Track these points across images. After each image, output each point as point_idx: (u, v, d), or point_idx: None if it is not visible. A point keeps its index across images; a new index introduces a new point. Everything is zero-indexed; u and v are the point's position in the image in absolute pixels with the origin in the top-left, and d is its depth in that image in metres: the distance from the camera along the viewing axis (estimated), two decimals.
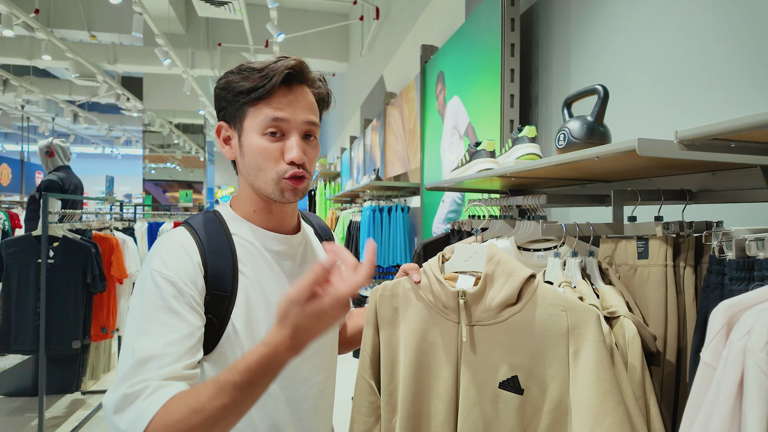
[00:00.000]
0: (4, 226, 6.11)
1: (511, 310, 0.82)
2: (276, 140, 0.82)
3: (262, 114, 0.81)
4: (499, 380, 0.82)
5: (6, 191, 8.28)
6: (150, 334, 0.71)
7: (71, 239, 2.77)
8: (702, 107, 1.14)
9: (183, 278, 0.76)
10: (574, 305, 0.78)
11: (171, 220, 4.83)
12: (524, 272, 0.82)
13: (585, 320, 0.77)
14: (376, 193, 3.53)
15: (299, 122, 0.82)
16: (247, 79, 0.81)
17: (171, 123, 9.17)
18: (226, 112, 0.86)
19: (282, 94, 0.82)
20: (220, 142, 0.89)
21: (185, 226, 0.85)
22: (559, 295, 0.80)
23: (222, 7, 5.20)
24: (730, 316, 0.52)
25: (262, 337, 0.79)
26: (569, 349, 0.77)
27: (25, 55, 6.92)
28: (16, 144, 14.59)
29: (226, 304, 0.80)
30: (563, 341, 0.78)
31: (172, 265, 0.76)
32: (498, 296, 0.82)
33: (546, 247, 1.23)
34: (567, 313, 0.78)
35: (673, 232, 0.88)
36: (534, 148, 1.24)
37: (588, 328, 0.76)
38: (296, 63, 0.82)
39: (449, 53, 2.57)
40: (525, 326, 0.81)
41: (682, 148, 0.64)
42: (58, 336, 2.69)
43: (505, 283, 0.82)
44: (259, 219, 0.88)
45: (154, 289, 0.74)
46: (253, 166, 0.83)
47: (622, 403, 0.72)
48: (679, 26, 1.20)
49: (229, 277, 0.81)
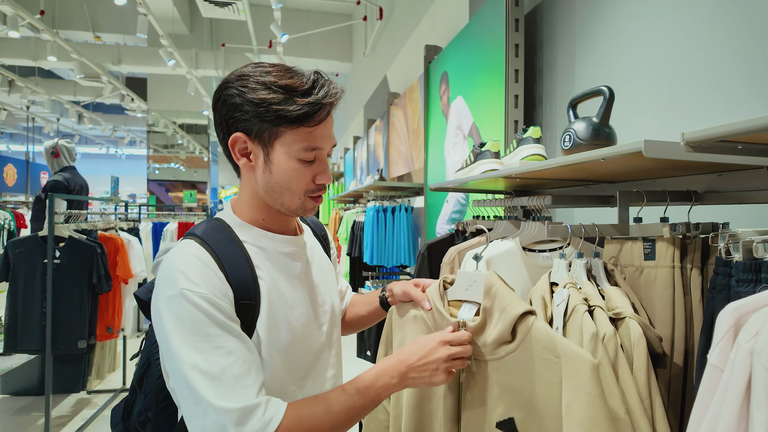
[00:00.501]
0: (9, 226, 6.14)
1: (507, 348, 0.81)
2: (309, 164, 0.83)
3: (303, 142, 0.80)
4: (496, 419, 0.81)
5: (11, 191, 8.31)
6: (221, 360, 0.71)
7: (77, 239, 2.79)
8: (707, 109, 1.13)
9: (215, 293, 0.74)
10: (568, 352, 0.75)
11: (175, 220, 4.85)
12: (517, 309, 0.79)
13: (579, 371, 0.72)
14: (380, 194, 3.53)
15: (329, 148, 0.85)
16: (291, 102, 0.77)
17: (175, 123, 9.19)
18: (247, 125, 0.80)
19: (323, 124, 0.82)
20: (235, 153, 0.83)
21: (193, 238, 0.81)
22: (553, 339, 0.77)
23: (226, 7, 5.22)
24: (737, 318, 0.52)
25: (283, 341, 0.83)
26: (563, 398, 0.73)
27: (30, 56, 6.96)
28: (21, 144, 14.66)
29: (252, 313, 0.79)
30: (557, 390, 0.74)
31: (199, 281, 0.74)
32: (493, 332, 0.81)
33: (551, 248, 1.23)
34: (561, 360, 0.75)
35: (680, 233, 0.88)
36: (539, 148, 1.24)
37: (582, 380, 0.72)
38: (341, 95, 0.83)
39: (453, 53, 2.57)
40: (520, 367, 0.79)
41: (688, 149, 0.64)
42: (64, 335, 2.71)
43: (499, 320, 0.81)
44: (267, 225, 0.89)
45: (192, 309, 0.71)
46: (282, 185, 0.83)
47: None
48: (684, 27, 1.20)
49: (251, 284, 0.80)
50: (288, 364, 0.84)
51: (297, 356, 0.85)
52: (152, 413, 0.88)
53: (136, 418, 0.91)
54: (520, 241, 1.24)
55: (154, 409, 0.87)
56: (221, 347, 0.71)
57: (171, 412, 0.89)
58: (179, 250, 0.79)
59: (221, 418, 0.68)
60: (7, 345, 2.70)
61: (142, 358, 0.95)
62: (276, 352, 0.82)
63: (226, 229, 0.84)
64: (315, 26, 7.10)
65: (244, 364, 0.72)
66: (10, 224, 6.20)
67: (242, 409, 0.68)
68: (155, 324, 0.76)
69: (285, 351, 0.83)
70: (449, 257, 1.45)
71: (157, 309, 0.74)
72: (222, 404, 0.68)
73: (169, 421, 0.88)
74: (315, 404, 0.76)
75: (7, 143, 15.22)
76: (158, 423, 0.87)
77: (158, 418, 0.87)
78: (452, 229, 1.79)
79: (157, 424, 0.88)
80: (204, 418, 0.69)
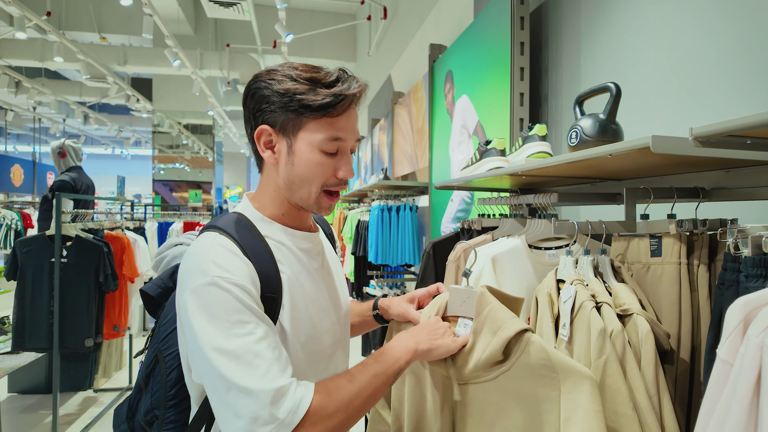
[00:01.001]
0: (16, 226, 6.19)
1: (500, 368, 0.80)
2: (332, 156, 0.83)
3: (325, 132, 0.81)
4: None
5: (18, 192, 8.37)
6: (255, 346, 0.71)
7: (84, 238, 2.81)
8: (714, 105, 1.13)
9: (247, 280, 0.75)
10: (566, 366, 0.74)
11: (180, 219, 4.87)
12: (511, 329, 0.78)
13: (578, 387, 0.72)
14: (385, 193, 3.53)
15: (353, 141, 0.86)
16: (314, 93, 0.79)
17: (180, 124, 9.24)
18: (273, 116, 0.81)
19: (346, 115, 0.83)
20: (260, 146, 0.84)
21: (216, 230, 0.81)
22: (550, 355, 0.75)
23: (230, 8, 5.23)
24: (747, 313, 0.52)
25: (306, 335, 0.84)
26: (562, 414, 0.73)
27: (37, 57, 7.01)
28: (28, 145, 14.78)
29: (275, 306, 0.80)
30: (555, 406, 0.73)
31: (231, 268, 0.74)
32: (483, 355, 0.80)
33: (557, 245, 1.23)
34: (559, 375, 0.74)
35: (687, 229, 0.88)
36: (545, 146, 1.24)
37: (581, 395, 0.71)
38: (365, 89, 0.84)
39: (458, 52, 2.57)
40: (515, 386, 0.78)
41: (696, 144, 0.64)
42: (72, 334, 2.73)
43: (490, 342, 0.79)
44: (287, 221, 0.89)
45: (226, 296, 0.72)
46: (302, 176, 0.83)
47: None
48: (690, 23, 1.19)
49: (274, 278, 0.80)
50: (310, 357, 0.85)
51: (318, 350, 0.87)
52: (160, 411, 0.87)
53: (143, 417, 0.89)
54: (526, 238, 1.23)
55: (163, 406, 0.87)
56: (253, 333, 0.71)
57: (181, 410, 0.88)
58: (204, 241, 0.79)
59: (254, 400, 0.68)
60: (15, 343, 2.72)
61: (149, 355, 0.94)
62: (300, 345, 0.83)
63: (248, 223, 0.85)
64: (319, 26, 7.12)
65: (275, 350, 0.73)
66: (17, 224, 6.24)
67: (276, 390, 0.69)
68: (181, 317, 0.75)
69: (307, 344, 0.85)
70: (455, 255, 1.45)
71: (185, 301, 0.74)
72: (255, 386, 0.68)
73: (178, 419, 0.87)
74: (339, 378, 0.78)
75: (14, 144, 15.33)
76: (167, 421, 0.86)
77: (167, 416, 0.86)
78: (457, 227, 1.79)
79: (165, 422, 0.86)
80: (237, 404, 0.68)
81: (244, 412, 0.68)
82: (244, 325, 0.71)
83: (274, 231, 0.86)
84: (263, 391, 0.68)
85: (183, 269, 0.77)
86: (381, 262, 3.20)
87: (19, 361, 2.70)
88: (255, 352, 0.70)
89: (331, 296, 0.93)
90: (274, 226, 0.87)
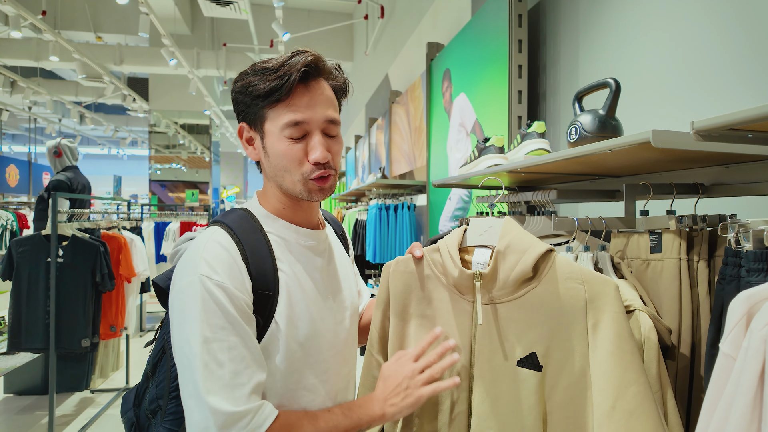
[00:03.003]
0: (12, 226, 6.16)
1: (527, 286, 0.81)
2: (298, 141, 0.81)
3: (282, 117, 0.79)
4: (517, 358, 0.81)
5: (14, 192, 8.33)
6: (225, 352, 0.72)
7: (80, 238, 2.79)
8: (713, 100, 1.13)
9: (234, 283, 0.75)
10: (591, 277, 0.78)
11: (177, 220, 4.85)
12: (539, 248, 0.80)
13: (603, 292, 0.76)
14: (382, 192, 3.52)
15: (320, 121, 0.81)
16: (263, 81, 0.79)
17: (176, 123, 9.20)
18: (246, 114, 0.84)
19: (300, 94, 0.80)
20: (243, 143, 0.87)
21: (220, 225, 0.83)
22: (577, 268, 0.79)
23: (227, 7, 5.22)
24: (750, 307, 0.52)
25: (304, 334, 0.83)
26: (588, 322, 0.76)
27: (32, 56, 6.97)
28: (23, 145, 14.71)
29: (270, 303, 0.80)
30: (581, 314, 0.77)
31: (220, 269, 0.75)
32: (512, 274, 0.81)
33: (556, 242, 1.22)
34: (585, 286, 0.77)
35: (687, 225, 0.87)
36: (543, 143, 1.23)
37: (606, 300, 0.75)
38: (312, 59, 0.80)
39: (455, 50, 2.57)
40: (542, 301, 0.80)
41: (698, 138, 0.63)
42: (68, 334, 2.71)
43: (519, 260, 0.80)
44: (289, 215, 0.89)
45: (206, 296, 0.73)
46: (279, 167, 0.82)
47: (644, 373, 0.71)
48: (689, 17, 1.19)
49: (271, 275, 0.81)
50: (310, 357, 0.84)
51: (318, 350, 0.86)
52: (164, 401, 0.87)
53: (148, 406, 0.90)
54: None
55: (166, 397, 0.86)
56: (224, 340, 0.73)
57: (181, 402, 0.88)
58: (205, 236, 0.80)
59: (207, 417, 0.70)
60: (10, 344, 2.71)
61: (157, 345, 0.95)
62: (297, 344, 0.83)
63: (252, 218, 0.86)
64: (316, 25, 7.11)
65: (242, 362, 0.73)
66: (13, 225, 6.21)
67: (230, 414, 0.70)
68: (170, 306, 0.77)
69: (306, 343, 0.84)
70: None
71: (174, 293, 0.77)
72: (212, 401, 0.70)
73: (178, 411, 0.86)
74: (303, 417, 0.78)
75: (9, 144, 15.26)
76: (168, 412, 0.86)
77: (169, 407, 0.86)
78: (456, 226, 1.79)
79: (167, 413, 0.86)
80: (194, 411, 0.71)
81: (196, 423, 0.71)
82: (217, 330, 0.73)
83: (277, 227, 0.87)
84: (218, 411, 0.69)
85: (180, 261, 0.80)
86: (379, 261, 3.20)
87: (15, 361, 2.68)
88: (220, 362, 0.71)
89: (335, 296, 0.92)
90: (278, 222, 0.87)
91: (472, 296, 0.85)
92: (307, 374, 0.85)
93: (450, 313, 0.87)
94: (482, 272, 0.83)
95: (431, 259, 0.91)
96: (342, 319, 0.92)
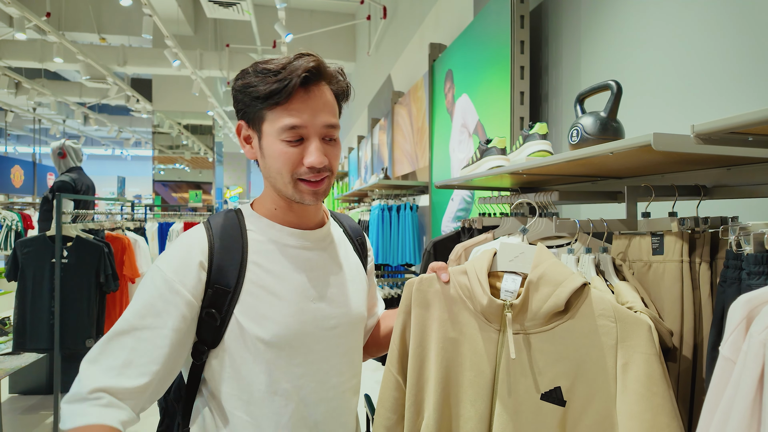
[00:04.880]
0: (17, 227, 6.19)
1: (559, 319, 0.79)
2: (295, 145, 0.81)
3: (281, 120, 0.79)
4: (541, 391, 0.79)
5: (18, 193, 8.37)
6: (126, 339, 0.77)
7: (84, 239, 2.80)
8: (715, 103, 1.13)
9: (179, 275, 0.80)
10: (625, 316, 0.76)
11: (181, 220, 4.87)
12: (574, 282, 0.78)
13: (636, 332, 0.74)
14: (385, 192, 3.53)
15: (318, 126, 0.81)
16: (263, 82, 0.79)
17: (180, 124, 9.23)
18: (245, 113, 0.85)
19: (300, 99, 0.79)
20: (241, 141, 0.88)
21: (204, 223, 0.88)
22: (610, 306, 0.77)
23: (230, 8, 5.23)
24: (749, 310, 0.52)
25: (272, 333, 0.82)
26: (618, 361, 0.74)
27: (36, 58, 7.01)
28: (28, 146, 14.78)
29: (228, 299, 0.81)
30: (611, 353, 0.75)
31: (172, 261, 0.81)
32: (544, 306, 0.79)
33: (558, 244, 1.23)
34: (617, 325, 0.75)
35: (689, 227, 0.87)
36: (545, 145, 1.24)
37: (639, 341, 0.74)
38: (314, 64, 0.79)
39: (458, 51, 2.57)
40: (572, 336, 0.78)
41: (698, 142, 0.63)
42: (72, 334, 2.73)
43: (553, 293, 0.79)
44: (279, 216, 0.89)
45: (149, 283, 0.80)
46: (274, 169, 0.83)
47: (677, 419, 0.69)
48: (691, 20, 1.19)
49: (234, 272, 0.82)
50: (281, 360, 0.82)
51: (293, 353, 0.83)
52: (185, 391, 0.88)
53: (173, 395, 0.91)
54: (527, 237, 1.23)
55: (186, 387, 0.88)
56: (135, 328, 0.77)
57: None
58: (189, 230, 0.87)
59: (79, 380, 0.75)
60: (15, 344, 2.72)
61: None
62: (263, 343, 0.81)
63: (237, 217, 0.88)
64: (319, 26, 7.12)
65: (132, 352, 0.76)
66: (18, 225, 6.25)
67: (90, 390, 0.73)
68: None
69: (276, 344, 0.82)
70: (456, 254, 1.44)
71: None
72: (84, 370, 0.76)
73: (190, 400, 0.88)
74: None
75: (14, 145, 15.33)
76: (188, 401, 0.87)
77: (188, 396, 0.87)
78: (458, 226, 1.79)
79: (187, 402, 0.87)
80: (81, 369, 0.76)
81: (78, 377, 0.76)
82: (141, 317, 0.78)
83: (261, 226, 0.88)
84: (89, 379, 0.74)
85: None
86: (382, 262, 3.20)
87: (20, 361, 2.69)
88: (118, 344, 0.76)
89: (326, 299, 0.89)
90: (263, 222, 0.88)
91: (499, 325, 0.83)
92: (279, 377, 0.82)
93: (475, 339, 0.85)
94: (513, 303, 0.81)
95: (457, 281, 0.88)
96: (334, 324, 0.89)
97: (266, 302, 0.82)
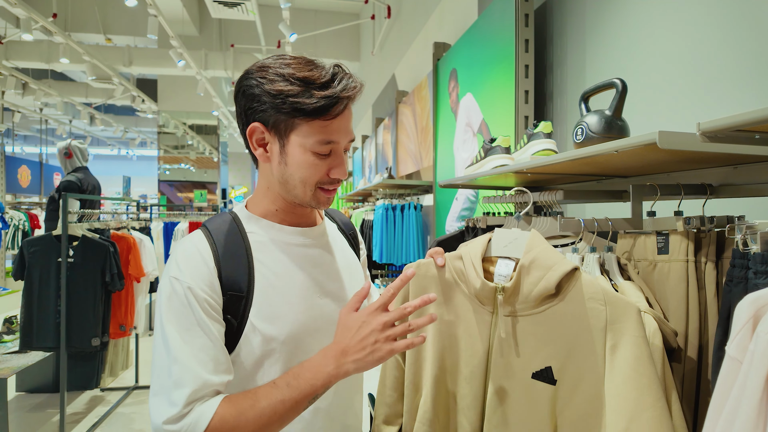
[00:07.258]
0: (24, 226, 6.24)
1: (550, 302, 0.81)
2: (325, 158, 0.82)
3: (318, 135, 0.79)
4: (532, 370, 0.81)
5: (26, 192, 8.42)
6: (182, 352, 0.74)
7: (90, 238, 2.82)
8: (721, 101, 1.12)
9: (199, 283, 0.78)
10: (614, 300, 0.78)
11: (186, 219, 4.89)
12: (564, 266, 0.80)
13: (625, 315, 0.76)
14: (389, 192, 3.53)
15: (345, 141, 0.84)
16: (308, 95, 0.76)
17: (185, 124, 9.27)
18: (265, 115, 0.80)
19: (340, 117, 0.80)
20: (252, 143, 0.83)
21: (202, 229, 0.86)
22: (600, 289, 0.79)
23: (235, 8, 5.24)
24: (756, 309, 0.51)
25: (287, 333, 0.82)
26: (607, 343, 0.76)
27: (43, 58, 7.05)
28: (35, 146, 14.89)
29: (242, 304, 0.81)
30: (601, 335, 0.77)
31: (187, 270, 0.78)
32: (535, 289, 0.81)
33: (563, 243, 1.22)
34: (606, 308, 0.77)
35: (694, 227, 0.87)
36: (550, 143, 1.23)
37: (627, 323, 0.75)
38: (360, 89, 0.81)
39: (462, 50, 2.56)
40: (563, 318, 0.80)
41: (704, 140, 0.63)
42: (78, 333, 2.75)
43: (543, 277, 0.80)
44: (279, 216, 0.89)
45: (173, 295, 0.77)
46: (296, 177, 0.83)
47: (662, 399, 0.71)
48: (696, 17, 1.18)
49: (243, 276, 0.81)
50: (298, 359, 0.83)
51: (306, 349, 0.85)
52: None
53: None
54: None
55: None
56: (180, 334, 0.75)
57: None
58: (186, 239, 0.85)
59: (158, 411, 0.73)
60: (22, 343, 2.75)
61: None
62: (279, 344, 0.82)
63: (235, 220, 0.87)
64: (323, 26, 7.12)
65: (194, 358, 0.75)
66: (25, 225, 6.29)
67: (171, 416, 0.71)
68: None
69: (291, 343, 0.83)
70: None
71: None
72: (154, 402, 0.73)
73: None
74: (244, 399, 0.74)
75: (21, 145, 15.44)
76: None
77: None
78: (462, 226, 1.79)
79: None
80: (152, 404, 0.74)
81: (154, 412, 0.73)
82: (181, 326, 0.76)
83: (260, 227, 0.88)
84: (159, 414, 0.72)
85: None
86: (385, 261, 3.20)
87: (26, 360, 2.71)
88: (174, 358, 0.73)
89: (332, 293, 0.91)
90: (262, 222, 0.88)
91: (492, 307, 0.86)
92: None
93: (469, 321, 0.88)
94: (504, 286, 0.83)
95: (453, 266, 0.91)
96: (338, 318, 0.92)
97: (277, 302, 0.83)
